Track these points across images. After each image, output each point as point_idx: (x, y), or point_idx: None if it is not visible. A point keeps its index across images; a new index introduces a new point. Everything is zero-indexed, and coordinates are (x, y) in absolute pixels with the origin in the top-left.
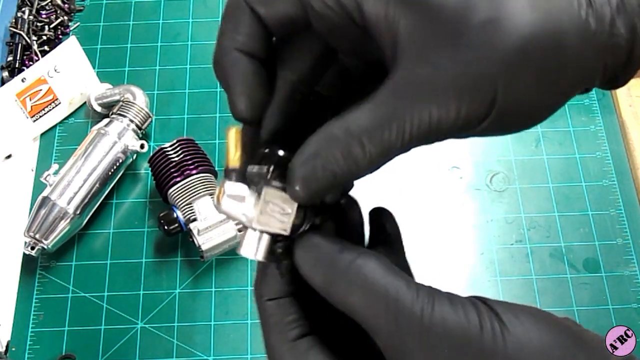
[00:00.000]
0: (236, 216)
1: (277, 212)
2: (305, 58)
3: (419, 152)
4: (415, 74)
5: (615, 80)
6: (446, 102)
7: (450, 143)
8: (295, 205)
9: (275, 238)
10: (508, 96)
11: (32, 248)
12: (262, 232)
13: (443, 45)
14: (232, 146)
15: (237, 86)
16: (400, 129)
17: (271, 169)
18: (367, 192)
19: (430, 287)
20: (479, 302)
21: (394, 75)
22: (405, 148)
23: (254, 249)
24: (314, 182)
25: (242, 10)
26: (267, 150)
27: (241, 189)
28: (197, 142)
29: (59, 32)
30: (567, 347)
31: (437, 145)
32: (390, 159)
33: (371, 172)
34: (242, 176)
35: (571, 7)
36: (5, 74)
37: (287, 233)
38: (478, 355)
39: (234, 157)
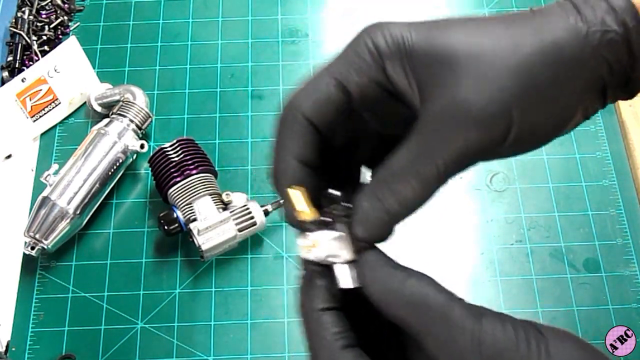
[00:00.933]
0: (335, 256)
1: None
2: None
3: None
4: (437, 112)
5: (630, 83)
6: (468, 131)
7: None
8: None
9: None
10: (523, 114)
11: (32, 248)
12: (349, 262)
13: (455, 82)
14: (300, 203)
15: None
16: (433, 161)
17: (342, 204)
18: None
19: (480, 307)
20: (526, 323)
21: (421, 118)
22: (442, 179)
23: (350, 278)
24: (371, 224)
25: (299, 122)
26: (325, 197)
27: (329, 233)
28: (197, 142)
29: (59, 32)
30: None
31: None
32: (433, 191)
33: (420, 207)
34: (317, 224)
35: (560, 17)
36: (5, 74)
37: None
38: None
39: (310, 211)
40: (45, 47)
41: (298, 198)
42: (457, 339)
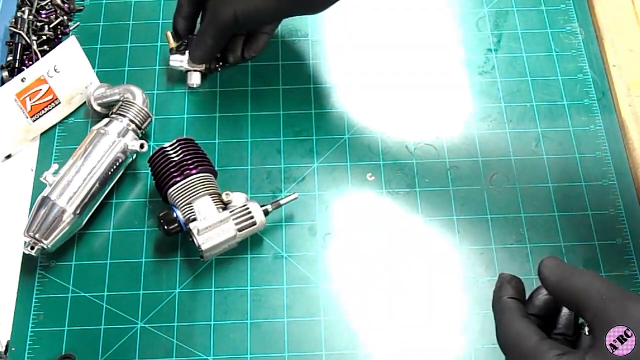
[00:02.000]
0: (180, 67)
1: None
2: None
3: (418, 152)
4: None
5: None
6: None
7: (449, 143)
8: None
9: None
10: None
11: (32, 248)
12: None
13: None
14: (170, 39)
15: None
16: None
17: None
18: (368, 192)
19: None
20: None
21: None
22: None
23: (196, 79)
24: (196, 56)
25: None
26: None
27: (181, 56)
28: (197, 142)
29: (59, 32)
30: None
31: (436, 144)
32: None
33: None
34: (177, 51)
35: None
36: (5, 74)
37: (202, 68)
38: None
39: (174, 43)
40: (45, 47)
41: (169, 37)
42: (609, 308)
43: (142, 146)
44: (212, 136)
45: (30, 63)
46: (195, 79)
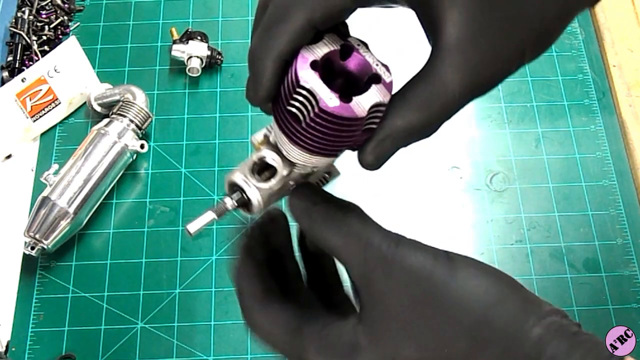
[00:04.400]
0: (181, 57)
1: None
2: None
3: (418, 152)
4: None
5: None
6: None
7: (450, 143)
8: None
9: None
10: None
11: (32, 248)
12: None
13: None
14: (175, 33)
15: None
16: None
17: None
18: (367, 192)
19: (398, 234)
20: (438, 249)
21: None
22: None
23: (194, 64)
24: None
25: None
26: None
27: (183, 46)
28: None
29: (59, 32)
30: (504, 290)
31: (437, 145)
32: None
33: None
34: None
35: None
36: (5, 74)
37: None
38: (430, 286)
39: (177, 36)
40: (45, 47)
41: (173, 32)
42: (373, 262)
43: (142, 146)
44: (212, 136)
45: (30, 63)
46: (194, 63)
